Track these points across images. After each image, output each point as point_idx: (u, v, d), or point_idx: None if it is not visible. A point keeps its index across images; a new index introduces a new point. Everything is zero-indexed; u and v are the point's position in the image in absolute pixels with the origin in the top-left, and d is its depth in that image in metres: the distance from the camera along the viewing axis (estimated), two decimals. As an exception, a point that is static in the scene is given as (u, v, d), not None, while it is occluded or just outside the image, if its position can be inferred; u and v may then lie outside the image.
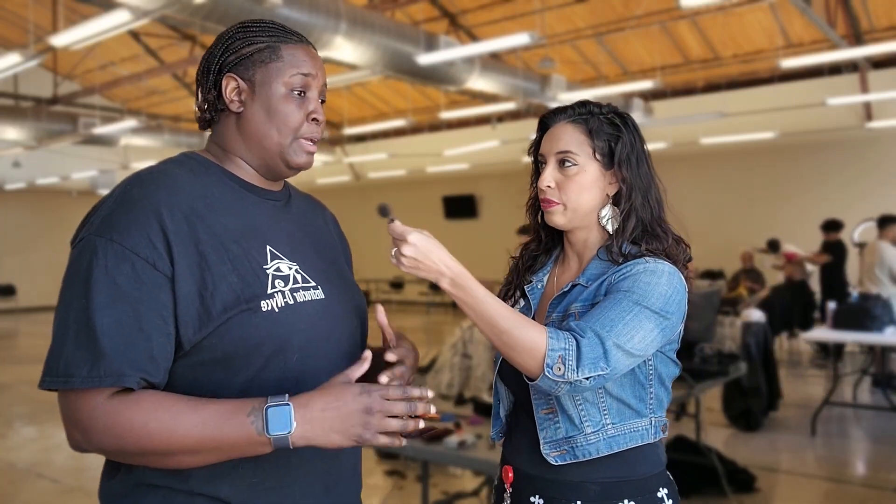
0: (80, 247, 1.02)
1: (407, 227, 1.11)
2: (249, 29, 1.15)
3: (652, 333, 1.21)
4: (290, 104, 1.13)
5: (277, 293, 1.07)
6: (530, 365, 1.15)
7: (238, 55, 1.13)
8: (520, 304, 1.43)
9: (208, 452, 0.98)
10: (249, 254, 1.08)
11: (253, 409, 0.97)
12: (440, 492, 3.98)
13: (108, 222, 1.02)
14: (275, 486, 1.08)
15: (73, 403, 0.98)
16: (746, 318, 5.76)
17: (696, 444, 4.21)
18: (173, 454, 0.97)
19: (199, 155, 1.17)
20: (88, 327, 0.97)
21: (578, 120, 1.33)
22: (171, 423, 0.96)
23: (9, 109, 11.54)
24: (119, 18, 5.71)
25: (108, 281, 0.98)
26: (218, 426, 0.96)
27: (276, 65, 1.12)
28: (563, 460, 1.27)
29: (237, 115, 1.14)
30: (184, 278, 1.01)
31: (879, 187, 10.72)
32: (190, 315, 1.01)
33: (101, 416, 0.96)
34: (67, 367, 0.96)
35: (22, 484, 4.59)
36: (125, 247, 0.99)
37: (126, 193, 1.05)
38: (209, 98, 1.14)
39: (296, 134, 1.14)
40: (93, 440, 0.97)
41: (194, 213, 1.05)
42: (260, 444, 0.97)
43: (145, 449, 0.96)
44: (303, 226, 1.23)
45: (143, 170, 1.10)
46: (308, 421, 0.97)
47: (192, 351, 1.03)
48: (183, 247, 1.02)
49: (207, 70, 1.14)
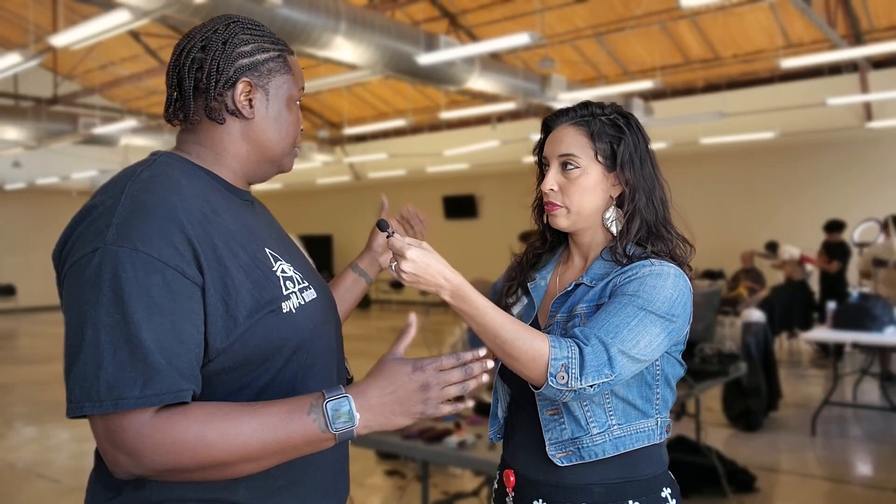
0: (97, 257, 0.93)
1: (406, 242, 1.11)
2: (255, 33, 1.12)
3: (658, 338, 1.21)
4: (293, 114, 1.16)
5: (292, 294, 1.08)
6: (534, 374, 1.15)
7: (252, 60, 1.10)
8: (523, 302, 1.43)
9: (270, 456, 0.95)
10: (256, 257, 1.06)
11: (312, 406, 0.95)
12: (440, 492, 3.98)
13: (126, 231, 0.94)
14: (286, 483, 1.07)
15: (117, 425, 0.90)
16: (746, 318, 5.76)
17: (696, 444, 4.21)
18: (234, 463, 0.93)
19: (176, 155, 1.10)
20: (132, 344, 0.90)
21: (580, 122, 1.33)
22: (229, 432, 0.92)
23: (9, 109, 11.54)
24: (119, 18, 5.71)
25: (142, 294, 0.92)
26: (279, 428, 0.94)
27: (286, 77, 1.14)
28: (569, 461, 1.26)
29: (242, 120, 1.11)
30: (212, 286, 0.98)
31: (879, 187, 10.72)
32: (217, 324, 0.98)
33: (151, 435, 0.90)
34: (113, 390, 0.89)
35: (22, 484, 4.59)
36: (153, 256, 0.93)
37: (136, 199, 0.98)
38: (219, 99, 1.09)
39: (294, 143, 1.18)
40: (144, 462, 0.91)
41: (205, 217, 1.01)
42: (325, 441, 0.96)
43: (204, 462, 0.92)
44: (273, 225, 1.23)
45: (138, 172, 1.03)
46: (368, 409, 0.96)
47: (214, 359, 0.99)
48: (206, 253, 0.98)
49: (218, 69, 1.07)
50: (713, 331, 4.72)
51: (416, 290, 10.06)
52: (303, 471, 1.09)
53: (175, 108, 1.12)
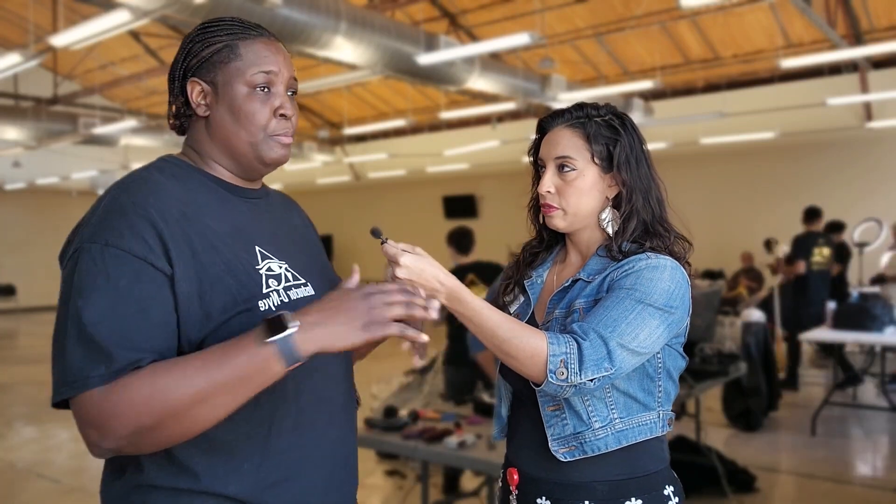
0: (74, 257, 1.01)
1: (399, 248, 1.12)
2: (208, 30, 1.13)
3: (658, 330, 1.21)
4: (254, 102, 1.11)
5: (272, 292, 1.08)
6: (533, 371, 1.16)
7: (199, 58, 1.12)
8: (519, 300, 1.44)
9: (223, 392, 0.94)
10: (240, 255, 1.08)
11: (252, 332, 0.96)
12: (440, 492, 3.98)
13: (99, 229, 1.01)
14: (279, 479, 1.07)
15: (82, 403, 0.95)
16: (746, 318, 5.76)
17: (696, 444, 4.21)
18: (189, 408, 0.94)
19: (177, 159, 1.16)
20: (93, 331, 0.95)
21: (576, 124, 1.34)
22: (176, 375, 0.94)
23: (9, 109, 11.54)
24: (119, 18, 5.71)
25: (109, 285, 0.97)
26: (222, 359, 0.95)
27: (235, 64, 1.10)
28: (571, 456, 1.27)
29: (205, 118, 1.13)
30: (183, 278, 1.01)
31: (879, 187, 10.72)
32: (191, 316, 1.01)
33: (108, 400, 0.93)
34: (80, 372, 0.94)
35: (22, 484, 4.59)
36: (121, 249, 0.98)
37: (114, 201, 1.04)
38: (178, 104, 1.14)
39: (265, 132, 1.12)
40: (108, 431, 0.94)
41: (184, 217, 1.05)
42: (269, 361, 0.94)
43: (161, 413, 0.93)
44: (283, 224, 1.24)
45: (125, 177, 1.10)
46: (310, 324, 0.96)
47: (188, 353, 1.02)
48: (178, 249, 1.01)
49: (173, 76, 1.13)
50: (713, 331, 4.72)
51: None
52: (298, 467, 1.09)
53: (174, 119, 1.18)
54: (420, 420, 3.11)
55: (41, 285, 13.58)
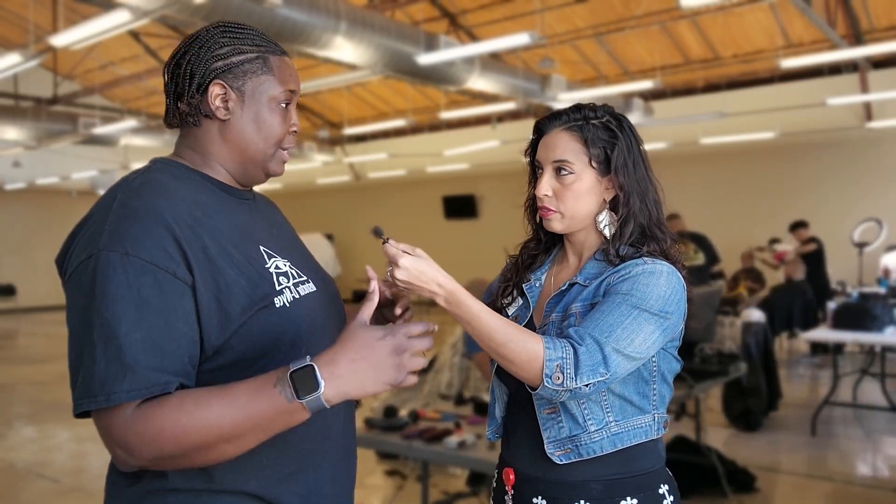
0: (90, 264, 0.99)
1: (399, 249, 1.12)
2: (235, 35, 1.14)
3: (653, 336, 1.22)
4: (276, 116, 1.15)
5: (285, 289, 1.10)
6: (529, 375, 1.17)
7: (226, 63, 1.12)
8: (518, 303, 1.44)
9: (247, 434, 0.96)
10: (249, 255, 1.09)
11: (278, 379, 0.96)
12: (440, 492, 3.98)
13: (116, 236, 0.99)
14: (294, 471, 1.09)
15: (108, 422, 0.96)
16: (746, 318, 5.76)
17: (696, 444, 4.21)
18: (214, 445, 0.96)
19: (172, 161, 1.15)
20: (120, 343, 0.95)
21: (574, 127, 1.34)
22: (202, 414, 0.95)
23: (9, 109, 11.54)
24: (119, 18, 5.71)
25: (132, 295, 0.97)
26: (248, 405, 0.95)
27: (266, 77, 1.13)
28: (567, 459, 1.27)
29: (221, 121, 1.13)
30: (202, 285, 1.02)
31: (879, 187, 10.73)
32: (211, 321, 1.02)
33: (135, 426, 0.95)
34: (104, 386, 0.94)
35: (22, 484, 4.59)
36: (143, 259, 0.98)
37: (126, 206, 1.03)
38: (193, 102, 1.12)
39: (279, 145, 1.17)
40: (135, 453, 0.96)
41: (195, 220, 1.05)
42: (295, 412, 0.96)
43: (186, 447, 0.95)
44: (274, 223, 1.25)
45: (130, 180, 1.08)
46: (338, 377, 0.96)
47: (212, 356, 1.04)
48: (195, 254, 1.02)
49: (192, 74, 1.11)
50: (713, 331, 4.72)
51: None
52: (311, 458, 1.11)
53: (182, 115, 1.17)
54: (420, 420, 3.11)
55: (41, 285, 13.60)
